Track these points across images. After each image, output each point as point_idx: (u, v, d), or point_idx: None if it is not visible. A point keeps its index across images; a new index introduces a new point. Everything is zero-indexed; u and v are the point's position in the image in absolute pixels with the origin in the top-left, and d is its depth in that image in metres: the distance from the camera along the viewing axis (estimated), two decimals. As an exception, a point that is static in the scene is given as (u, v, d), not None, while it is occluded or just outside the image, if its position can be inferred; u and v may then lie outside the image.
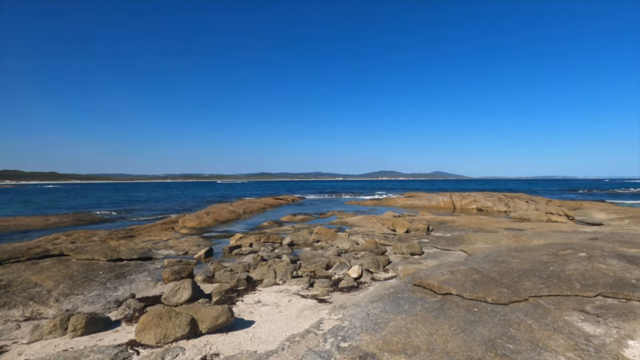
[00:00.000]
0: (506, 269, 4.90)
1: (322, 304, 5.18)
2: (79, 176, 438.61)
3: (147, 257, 9.15)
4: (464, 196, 26.34)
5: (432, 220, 15.45)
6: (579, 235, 8.58)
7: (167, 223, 14.87)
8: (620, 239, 7.78)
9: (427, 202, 26.79)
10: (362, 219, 16.24)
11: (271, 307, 5.02)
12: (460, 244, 9.75)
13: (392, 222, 13.80)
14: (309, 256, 8.61)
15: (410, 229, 12.73)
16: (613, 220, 15.33)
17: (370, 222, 15.29)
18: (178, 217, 16.39)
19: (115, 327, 4.47)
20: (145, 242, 11.01)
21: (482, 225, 13.59)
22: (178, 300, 5.46)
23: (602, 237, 8.04)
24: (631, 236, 8.19)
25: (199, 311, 3.98)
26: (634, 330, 3.24)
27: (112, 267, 7.80)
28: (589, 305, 3.78)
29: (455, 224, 14.27)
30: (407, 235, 11.95)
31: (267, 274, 6.77)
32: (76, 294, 6.01)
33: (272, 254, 9.25)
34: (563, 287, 4.15)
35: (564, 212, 18.15)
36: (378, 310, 4.30)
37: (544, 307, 3.80)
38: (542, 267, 4.80)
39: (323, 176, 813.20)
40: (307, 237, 11.50)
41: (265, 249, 10.10)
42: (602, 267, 4.57)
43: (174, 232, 13.32)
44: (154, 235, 12.09)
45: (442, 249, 9.49)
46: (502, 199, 24.47)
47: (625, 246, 7.01)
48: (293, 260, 8.53)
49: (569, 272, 4.53)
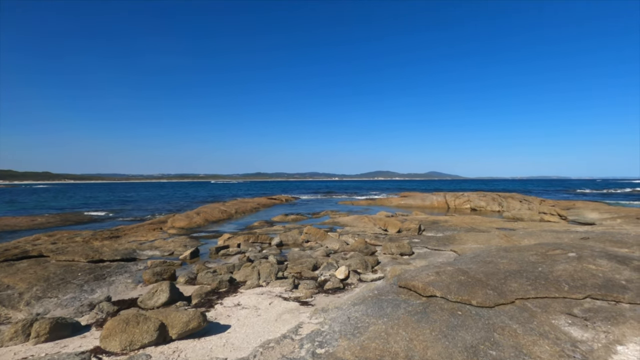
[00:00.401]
0: (493, 269, 4.74)
1: (304, 307, 4.98)
2: (73, 176, 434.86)
3: (130, 258, 8.90)
4: (457, 196, 26.27)
5: (424, 220, 15.32)
6: (570, 234, 8.46)
7: (156, 223, 14.59)
8: (611, 238, 7.66)
9: (421, 202, 26.69)
10: (354, 218, 16.07)
11: (250, 310, 4.82)
12: (451, 244, 9.60)
13: (384, 222, 13.64)
14: (296, 257, 8.41)
15: (402, 228, 12.58)
16: (605, 219, 15.29)
17: (362, 222, 15.12)
18: (167, 217, 16.11)
19: (84, 333, 4.25)
20: (130, 242, 10.74)
21: (474, 225, 13.47)
22: (155, 304, 5.24)
23: (593, 237, 7.92)
24: (622, 235, 8.08)
25: (169, 316, 3.77)
26: (623, 334, 3.08)
27: (92, 269, 7.55)
28: (577, 308, 3.62)
29: (447, 223, 14.14)
30: (398, 235, 11.79)
31: (251, 276, 6.56)
32: (49, 297, 5.77)
33: (259, 255, 9.04)
34: (551, 289, 3.98)
35: (556, 211, 18.10)
36: (359, 313, 4.11)
37: (530, 310, 3.63)
38: (530, 268, 4.64)
39: (319, 176, 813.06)
40: (296, 237, 11.30)
41: (253, 249, 9.88)
42: (592, 268, 4.42)
43: (162, 233, 13.06)
44: (141, 236, 11.82)
45: (432, 249, 9.33)
46: (495, 198, 24.42)
47: (616, 246, 6.89)
48: (280, 260, 8.34)
49: (557, 272, 4.37)
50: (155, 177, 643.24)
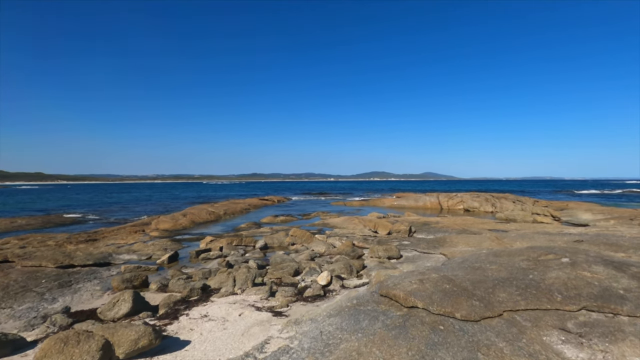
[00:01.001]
0: (481, 277, 4.37)
1: (277, 318, 4.58)
2: (66, 177, 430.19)
3: (104, 262, 8.44)
4: (451, 197, 26.01)
5: (415, 221, 14.98)
6: (564, 237, 8.15)
7: (138, 225, 14.10)
8: (605, 241, 7.36)
9: (414, 203, 26.38)
10: (344, 220, 15.69)
11: (217, 322, 4.40)
12: (441, 247, 9.26)
13: (374, 224, 13.28)
14: (278, 261, 8.01)
15: (392, 230, 12.22)
16: (599, 220, 15.06)
17: (352, 224, 14.74)
18: (151, 219, 15.61)
19: (27, 351, 3.81)
20: (108, 246, 10.27)
21: (466, 227, 13.15)
22: (115, 315, 4.81)
23: (587, 239, 7.61)
24: (617, 238, 7.78)
25: (117, 332, 3.35)
26: (622, 354, 2.73)
27: (59, 275, 7.08)
28: (571, 321, 3.26)
29: (439, 225, 13.81)
30: (388, 237, 11.43)
31: (226, 282, 6.14)
32: (3, 308, 5.31)
33: (240, 259, 8.63)
34: (542, 300, 3.62)
35: (549, 212, 17.87)
36: (333, 327, 3.73)
37: (519, 324, 3.26)
38: (521, 275, 4.29)
39: (315, 177, 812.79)
40: (282, 239, 10.89)
41: (236, 252, 9.46)
42: (587, 275, 4.06)
43: (144, 235, 12.57)
44: (120, 239, 11.34)
45: (421, 252, 8.98)
46: (488, 199, 24.19)
47: (611, 249, 6.58)
48: (261, 265, 7.93)
49: (549, 280, 4.02)
50: (149, 177, 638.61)
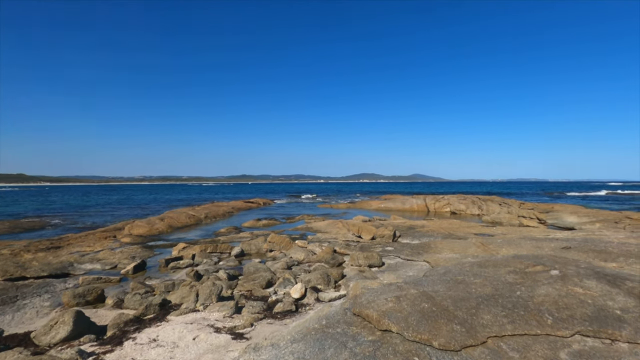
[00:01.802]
0: (464, 293, 3.93)
1: (236, 342, 4.06)
2: (49, 178, 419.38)
3: (62, 273, 7.77)
4: (437, 199, 25.81)
5: (401, 225, 14.60)
6: (551, 243, 7.82)
7: (110, 230, 13.34)
8: (594, 247, 7.05)
9: (401, 205, 26.09)
10: (328, 224, 15.22)
11: (165, 349, 3.85)
12: (425, 253, 8.85)
13: (357, 228, 12.83)
14: (252, 270, 7.46)
15: (376, 235, 11.79)
16: (584, 224, 14.94)
17: (336, 228, 14.28)
18: (125, 223, 14.83)
19: None
20: (71, 254, 9.55)
21: (452, 231, 12.82)
22: (51, 340, 4.21)
23: (575, 246, 7.29)
24: (605, 244, 7.49)
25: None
26: (625, 396, 2.29)
27: (5, 289, 6.41)
28: (564, 350, 2.83)
29: (424, 229, 13.45)
30: (371, 243, 10.99)
31: (188, 297, 5.58)
32: None
33: (212, 268, 8.06)
34: (531, 322, 3.19)
35: (535, 215, 17.74)
36: (295, 357, 3.22)
37: (505, 355, 2.82)
38: (507, 292, 3.86)
39: (304, 178, 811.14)
40: (260, 246, 10.34)
41: (209, 261, 8.88)
42: (579, 292, 3.66)
43: (114, 241, 11.85)
44: (87, 246, 10.61)
45: (405, 259, 8.55)
46: (475, 201, 24.05)
47: (601, 257, 6.25)
48: (233, 275, 7.37)
49: (538, 298, 3.60)
50: (136, 179, 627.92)
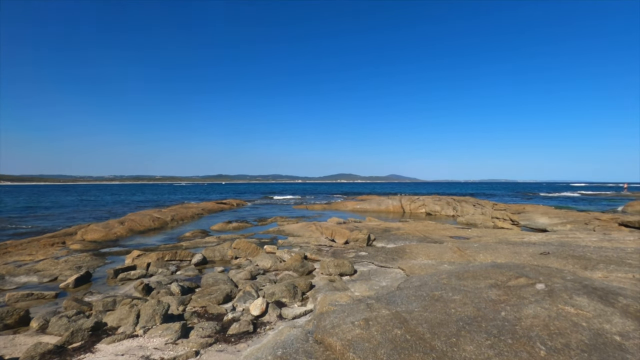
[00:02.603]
0: (442, 315, 3.40)
1: (172, 380, 3.34)
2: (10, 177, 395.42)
3: (-13, 288, 6.71)
4: (413, 200, 25.71)
5: (376, 227, 14.16)
6: (528, 248, 7.52)
7: (59, 236, 12.10)
8: (572, 253, 6.78)
9: (376, 207, 25.80)
10: (301, 227, 14.57)
11: (78, 394, 3.08)
12: (400, 259, 8.38)
13: (331, 232, 12.26)
14: (210, 282, 6.70)
15: (350, 239, 11.25)
16: (556, 225, 15.05)
17: (309, 231, 13.66)
18: (78, 228, 13.58)
19: None
20: (6, 264, 8.42)
21: (427, 233, 12.49)
22: None
23: (553, 251, 7.00)
24: (582, 249, 7.26)
25: None
26: None
27: None
28: (562, 393, 2.33)
29: (399, 231, 13.06)
30: (344, 247, 10.44)
31: (127, 319, 4.77)
32: None
33: (166, 279, 7.22)
34: (522, 354, 2.68)
35: (509, 216, 17.82)
36: (236, 405, 2.55)
37: (494, 402, 2.28)
38: (491, 312, 3.36)
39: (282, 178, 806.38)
40: (225, 252, 9.56)
41: (165, 270, 8.02)
42: (571, 312, 3.20)
43: (62, 249, 10.69)
44: (27, 254, 9.46)
45: (378, 265, 8.03)
46: (450, 202, 24.10)
47: (581, 265, 5.94)
48: (188, 288, 6.58)
49: (527, 321, 3.11)
50: (106, 178, 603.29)
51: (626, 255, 6.38)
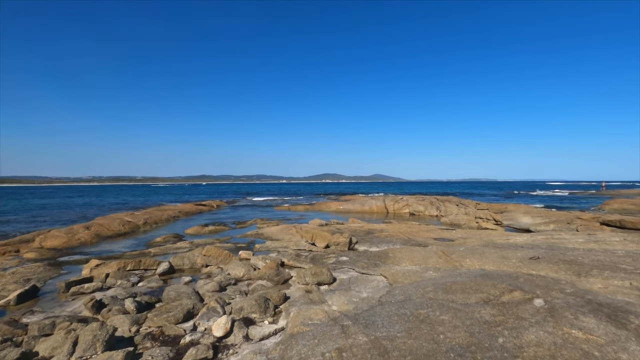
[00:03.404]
0: (429, 343, 2.85)
1: None
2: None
3: None
4: (396, 200, 25.41)
5: (359, 229, 13.66)
6: (517, 252, 7.12)
7: (13, 243, 11.05)
8: (562, 257, 6.41)
9: (360, 207, 25.37)
10: (281, 229, 13.92)
11: None
12: (382, 264, 7.87)
13: (311, 235, 11.66)
14: (172, 296, 5.99)
15: (331, 242, 10.68)
16: (539, 225, 14.93)
17: (288, 234, 13.03)
18: (38, 234, 12.51)
19: None
20: (-58, 278, 7.45)
21: (411, 235, 12.06)
22: None
23: (543, 256, 6.62)
24: (572, 252, 6.93)
25: None
26: None
27: None
28: None
29: (383, 233, 12.60)
30: (325, 252, 9.87)
31: (61, 348, 4.04)
32: None
33: (124, 293, 6.46)
34: (527, 399, 2.16)
35: (492, 216, 17.67)
36: None
37: None
38: (486, 338, 2.84)
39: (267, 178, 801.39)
40: (195, 259, 8.83)
41: (124, 282, 7.24)
42: (579, 338, 2.72)
43: (14, 257, 9.70)
44: (-29, 265, 8.47)
45: (360, 272, 7.49)
46: (433, 202, 23.91)
47: (574, 271, 5.55)
48: (146, 304, 5.86)
49: (529, 351, 2.60)
50: (84, 179, 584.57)
51: (618, 259, 6.05)
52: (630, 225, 12.50)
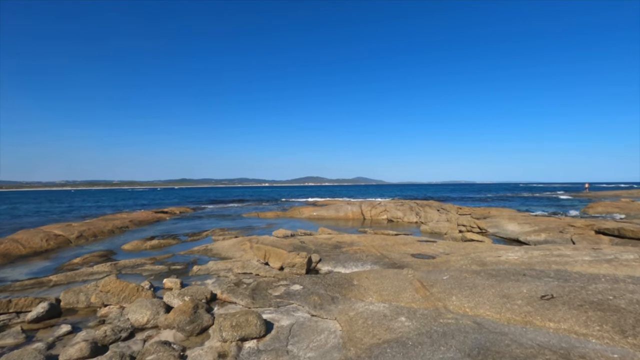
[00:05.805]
0: None
1: None
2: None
3: None
4: (374, 205, 23.61)
5: (325, 242, 11.65)
6: (520, 285, 5.25)
7: None
8: (585, 295, 4.58)
9: (335, 213, 23.41)
10: (234, 244, 11.77)
11: None
12: (343, 298, 5.89)
13: (264, 252, 9.56)
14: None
15: (285, 264, 8.62)
16: (529, 234, 13.36)
17: (240, 250, 10.91)
18: None
19: None
20: None
21: (386, 250, 10.15)
22: None
23: (556, 290, 4.78)
24: (593, 283, 5.12)
25: None
26: None
27: None
28: None
29: (353, 248, 10.64)
30: (276, 276, 7.81)
31: None
32: None
33: (-62, 365, 4.19)
34: None
35: (476, 223, 16.06)
36: None
37: None
38: None
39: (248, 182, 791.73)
40: (92, 294, 6.57)
41: (-36, 339, 4.95)
42: None
43: None
44: None
45: (309, 313, 5.48)
46: (413, 207, 22.23)
47: (612, 323, 3.70)
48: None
49: None
50: (57, 184, 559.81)
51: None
52: (631, 235, 11.03)
